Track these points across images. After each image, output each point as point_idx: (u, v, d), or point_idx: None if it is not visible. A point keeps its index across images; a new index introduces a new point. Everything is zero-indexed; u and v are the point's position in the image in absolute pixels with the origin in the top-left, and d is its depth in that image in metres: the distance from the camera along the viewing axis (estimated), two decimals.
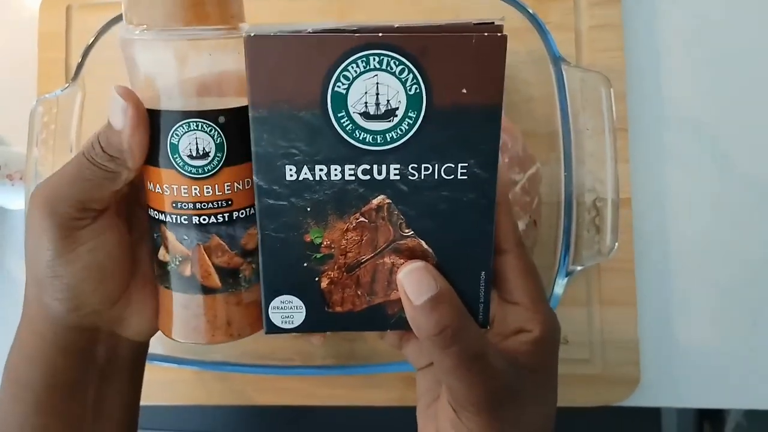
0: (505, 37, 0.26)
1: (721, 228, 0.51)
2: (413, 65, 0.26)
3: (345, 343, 0.50)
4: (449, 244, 0.29)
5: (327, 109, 0.27)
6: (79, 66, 0.48)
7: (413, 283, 0.28)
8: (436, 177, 0.28)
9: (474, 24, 0.26)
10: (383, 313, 0.30)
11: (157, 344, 0.48)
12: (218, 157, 0.29)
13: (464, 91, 0.26)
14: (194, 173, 0.29)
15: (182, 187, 0.29)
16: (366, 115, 0.27)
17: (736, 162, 0.51)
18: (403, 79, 0.26)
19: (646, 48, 0.52)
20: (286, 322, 0.30)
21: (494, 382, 0.28)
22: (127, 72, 0.30)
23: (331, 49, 0.26)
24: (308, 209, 0.28)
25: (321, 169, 0.27)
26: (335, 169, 0.27)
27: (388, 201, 0.28)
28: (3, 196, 0.53)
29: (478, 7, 0.50)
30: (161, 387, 0.51)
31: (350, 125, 0.27)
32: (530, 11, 0.46)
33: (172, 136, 0.29)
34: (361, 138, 0.27)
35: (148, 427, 0.53)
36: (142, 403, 0.37)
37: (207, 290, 0.31)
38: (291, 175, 0.28)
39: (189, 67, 0.28)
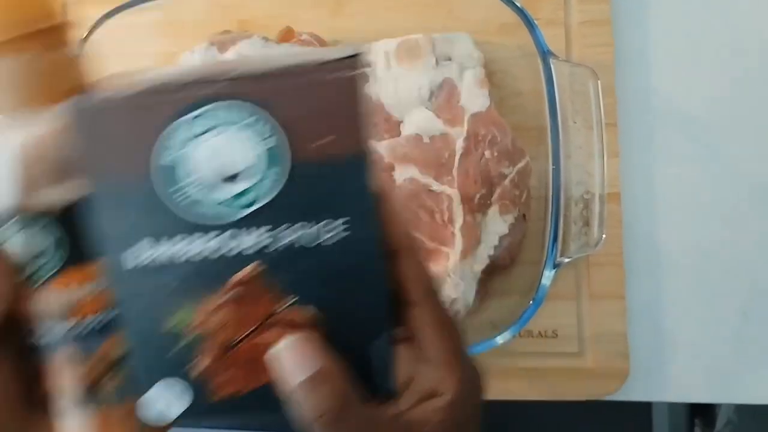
0: (354, 78, 0.23)
1: (711, 221, 0.51)
2: (263, 115, 0.23)
3: None
4: (339, 308, 0.25)
5: (169, 179, 0.24)
6: None
7: (289, 361, 0.25)
8: (310, 237, 0.25)
9: (335, 59, 0.23)
10: (273, 393, 0.26)
11: None
12: (56, 257, 0.25)
13: (324, 140, 0.24)
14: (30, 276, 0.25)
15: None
16: (216, 181, 0.24)
17: (725, 156, 0.51)
18: (254, 134, 0.24)
19: (636, 43, 0.52)
20: (164, 416, 0.26)
21: None
22: None
23: (160, 112, 0.23)
24: (170, 290, 0.25)
25: (174, 246, 0.24)
26: (191, 245, 0.24)
27: (261, 269, 0.25)
28: None
29: (469, 2, 0.50)
30: None
31: (199, 193, 0.24)
32: (518, 6, 0.47)
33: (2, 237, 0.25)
34: (215, 207, 0.24)
35: None
36: None
37: (75, 408, 0.26)
38: (142, 257, 0.24)
39: (10, 158, 0.24)
